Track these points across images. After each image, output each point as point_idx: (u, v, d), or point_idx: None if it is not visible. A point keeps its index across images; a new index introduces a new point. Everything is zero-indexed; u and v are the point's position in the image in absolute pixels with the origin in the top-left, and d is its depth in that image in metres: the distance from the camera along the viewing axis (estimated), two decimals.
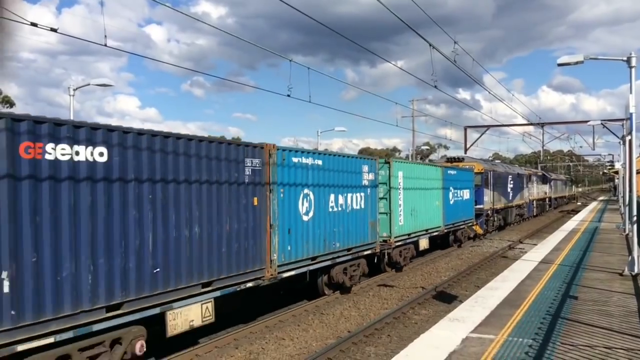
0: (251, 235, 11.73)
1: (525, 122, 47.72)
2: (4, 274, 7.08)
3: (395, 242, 19.11)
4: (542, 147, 60.90)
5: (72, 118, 19.89)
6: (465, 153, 50.49)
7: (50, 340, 7.57)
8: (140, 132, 9.14)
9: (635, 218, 15.72)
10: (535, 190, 50.65)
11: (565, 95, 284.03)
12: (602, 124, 37.49)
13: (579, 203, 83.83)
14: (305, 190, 13.79)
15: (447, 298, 15.75)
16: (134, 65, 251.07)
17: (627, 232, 24.42)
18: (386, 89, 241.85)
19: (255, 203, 11.85)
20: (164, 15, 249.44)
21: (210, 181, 10.59)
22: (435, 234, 23.71)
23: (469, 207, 28.88)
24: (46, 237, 7.61)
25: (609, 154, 66.30)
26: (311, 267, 14.19)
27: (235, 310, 12.61)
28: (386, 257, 19.34)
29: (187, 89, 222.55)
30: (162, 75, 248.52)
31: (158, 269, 9.34)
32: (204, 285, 10.48)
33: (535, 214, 49.97)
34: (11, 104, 54.62)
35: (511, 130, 63.49)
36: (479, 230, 31.35)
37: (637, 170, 17.53)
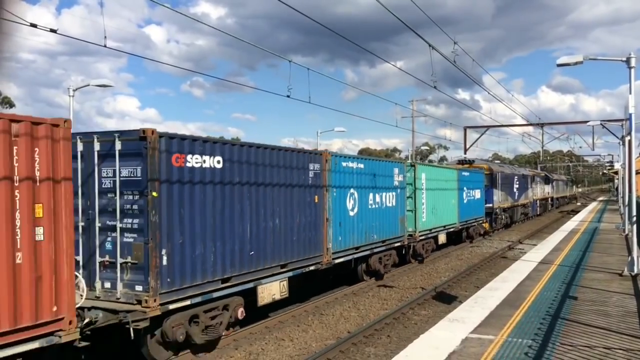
0: (313, 227, 14.25)
1: (524, 122, 47.72)
2: (164, 251, 9.55)
3: (419, 236, 21.47)
4: (542, 147, 60.88)
5: (71, 119, 19.93)
6: (465, 153, 50.47)
7: (187, 302, 10.06)
8: (242, 144, 11.90)
9: (634, 218, 15.74)
10: (539, 191, 52.84)
11: (565, 96, 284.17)
12: (601, 124, 37.45)
13: (578, 203, 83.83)
14: (351, 190, 16.33)
15: (446, 298, 15.76)
16: (134, 65, 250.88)
17: (626, 232, 24.43)
18: (385, 89, 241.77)
19: (316, 201, 14.45)
20: (163, 16, 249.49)
21: (286, 184, 13.18)
22: (451, 229, 26.12)
23: (480, 206, 31.22)
24: (186, 225, 10.11)
25: (609, 155, 66.36)
26: (355, 256, 16.69)
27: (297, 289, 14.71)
28: (411, 249, 21.53)
29: (186, 90, 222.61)
30: (162, 75, 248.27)
31: (253, 252, 11.88)
32: (282, 266, 12.99)
33: (538, 213, 52.06)
34: (11, 105, 54.60)
35: (511, 130, 63.54)
36: (488, 228, 33.49)
37: (636, 170, 17.54)
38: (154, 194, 9.34)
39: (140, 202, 9.38)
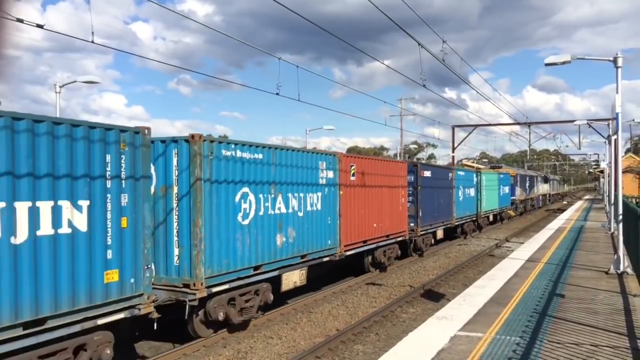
0: (449, 205, 27.86)
1: (511, 121, 47.94)
2: (420, 210, 22.71)
3: (482, 215, 35.41)
4: (529, 146, 61.21)
5: (57, 115, 19.71)
6: (453, 152, 50.68)
7: (423, 232, 23.38)
8: (435, 165, 30.31)
9: (620, 217, 15.87)
10: (541, 188, 67.55)
11: (550, 95, 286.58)
12: (588, 123, 37.66)
13: (564, 202, 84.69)
14: (460, 187, 29.99)
15: (435, 296, 15.81)
16: (120, 62, 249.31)
17: (612, 231, 24.66)
18: (373, 87, 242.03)
19: (451, 192, 28.13)
20: (150, 13, 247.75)
21: (443, 186, 26.50)
22: (494, 213, 40.09)
23: (508, 198, 44.94)
24: (423, 200, 23.12)
25: (595, 154, 67.02)
26: (461, 222, 30.75)
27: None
28: (477, 222, 35.04)
29: (173, 87, 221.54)
30: (149, 72, 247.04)
31: (436, 214, 25.07)
32: (442, 222, 26.19)
33: (540, 205, 66.41)
34: None
35: (498, 129, 63.87)
36: (512, 213, 46.92)
37: (622, 169, 17.70)
38: (419, 187, 22.44)
39: (414, 191, 22.26)
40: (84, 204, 8.06)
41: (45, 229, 7.50)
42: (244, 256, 11.64)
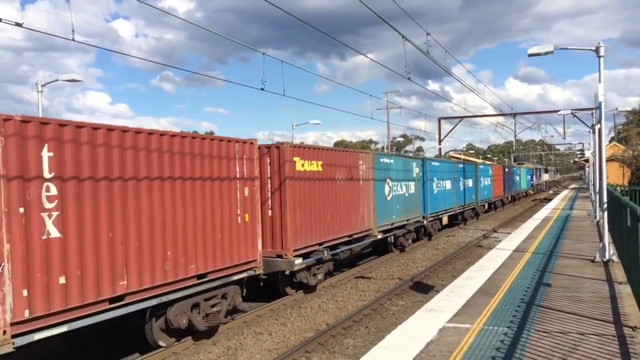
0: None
1: (496, 112, 48.18)
2: (505, 187, 50.40)
3: (521, 190, 64.62)
4: (515, 137, 61.60)
5: (40, 114, 19.49)
6: (440, 144, 50.93)
7: (507, 196, 53.67)
8: (508, 166, 60.96)
9: (605, 205, 16.03)
10: (543, 177, 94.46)
11: (532, 86, 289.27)
12: (572, 113, 38.01)
13: (550, 191, 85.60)
14: (514, 175, 58.50)
15: (423, 288, 15.89)
16: (102, 61, 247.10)
17: (597, 219, 24.92)
18: (356, 82, 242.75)
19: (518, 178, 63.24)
20: (131, 10, 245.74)
21: (514, 175, 60.87)
22: (525, 191, 68.06)
23: (529, 183, 71.89)
24: (507, 182, 52.40)
25: (579, 143, 67.95)
26: (516, 194, 59.68)
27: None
28: (519, 194, 61.67)
29: (157, 84, 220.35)
30: (132, 70, 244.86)
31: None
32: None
33: (545, 189, 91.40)
34: None
35: (482, 120, 64.31)
36: (532, 192, 72.64)
37: (606, 158, 17.86)
38: (505, 176, 50.55)
39: (503, 178, 49.71)
40: (412, 184, 22.88)
41: (402, 192, 21.46)
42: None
